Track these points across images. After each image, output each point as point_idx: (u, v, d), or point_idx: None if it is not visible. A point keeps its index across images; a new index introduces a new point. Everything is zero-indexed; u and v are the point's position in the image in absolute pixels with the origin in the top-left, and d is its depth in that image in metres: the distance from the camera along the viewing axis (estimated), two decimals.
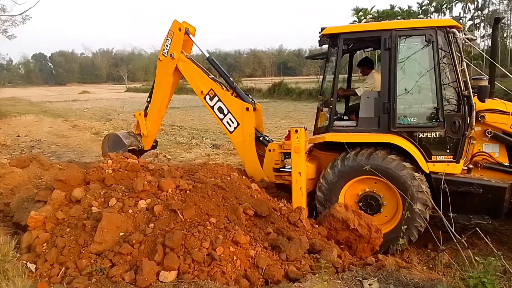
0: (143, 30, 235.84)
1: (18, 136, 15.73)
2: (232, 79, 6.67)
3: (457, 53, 4.98)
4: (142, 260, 3.59)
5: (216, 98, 6.30)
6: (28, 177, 7.26)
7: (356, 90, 5.86)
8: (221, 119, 6.31)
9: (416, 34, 4.94)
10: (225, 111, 6.26)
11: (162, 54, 6.45)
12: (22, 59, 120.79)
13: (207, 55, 6.74)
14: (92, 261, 3.82)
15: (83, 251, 3.91)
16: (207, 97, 6.34)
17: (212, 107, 6.35)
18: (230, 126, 6.26)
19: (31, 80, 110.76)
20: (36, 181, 7.30)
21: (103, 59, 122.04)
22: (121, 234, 3.98)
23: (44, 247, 4.07)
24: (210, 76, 6.46)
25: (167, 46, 6.36)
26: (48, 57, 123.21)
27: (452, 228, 2.93)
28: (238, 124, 6.20)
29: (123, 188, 4.59)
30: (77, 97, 44.72)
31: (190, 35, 6.50)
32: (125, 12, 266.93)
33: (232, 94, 6.39)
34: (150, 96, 6.99)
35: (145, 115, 6.96)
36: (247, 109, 6.13)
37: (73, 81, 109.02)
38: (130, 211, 4.19)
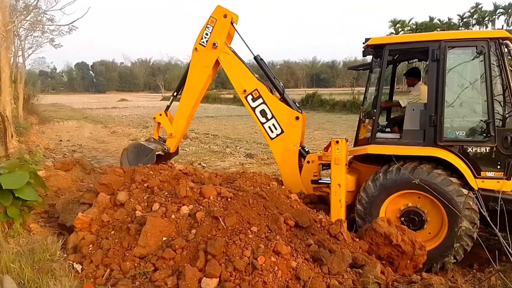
0: (180, 41, 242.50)
1: (61, 140, 16.35)
2: (282, 84, 6.19)
3: (509, 65, 4.80)
4: (184, 265, 3.60)
5: (260, 100, 5.87)
6: (71, 180, 7.50)
7: (399, 101, 5.73)
8: (263, 123, 5.92)
9: (467, 45, 4.81)
10: (269, 116, 5.87)
11: (200, 44, 5.89)
12: (65, 67, 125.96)
13: (254, 54, 6.04)
14: (135, 264, 3.88)
15: (127, 254, 3.98)
16: (249, 97, 5.90)
17: (254, 109, 5.91)
18: (272, 132, 5.90)
19: (73, 88, 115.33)
20: (78, 183, 7.56)
21: (141, 69, 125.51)
22: (164, 238, 4.03)
23: (90, 248, 4.17)
24: (255, 75, 6.02)
25: (206, 34, 5.79)
26: (90, 66, 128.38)
27: (510, 248, 2.77)
28: (282, 131, 5.87)
29: (166, 193, 4.67)
30: (116, 105, 46.00)
31: (234, 25, 5.90)
32: (163, 24, 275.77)
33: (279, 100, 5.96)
34: (177, 90, 6.44)
35: (166, 116, 6.52)
36: (297, 118, 5.80)
37: (112, 89, 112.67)
38: (173, 216, 4.24)
